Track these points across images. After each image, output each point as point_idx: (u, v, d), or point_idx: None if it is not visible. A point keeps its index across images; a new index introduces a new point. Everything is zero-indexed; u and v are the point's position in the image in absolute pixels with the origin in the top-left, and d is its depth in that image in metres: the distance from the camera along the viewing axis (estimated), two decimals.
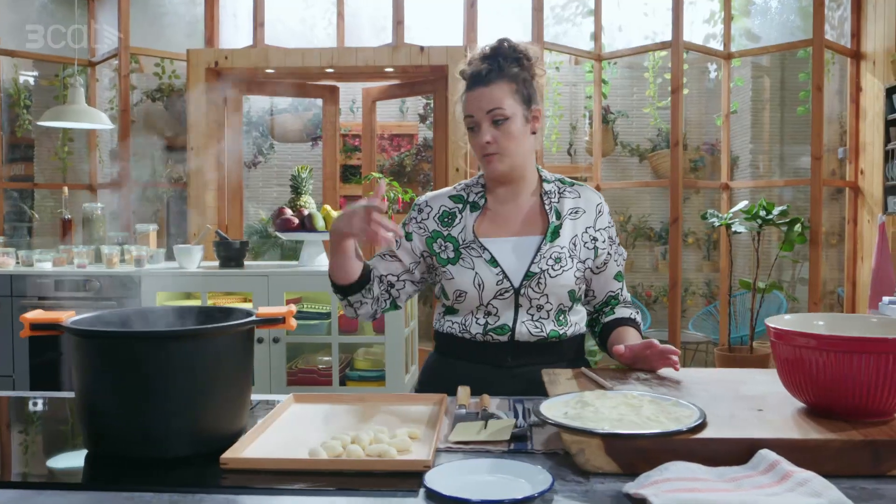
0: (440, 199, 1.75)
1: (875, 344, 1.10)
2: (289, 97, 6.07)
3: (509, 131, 1.61)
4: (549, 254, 1.63)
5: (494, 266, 1.62)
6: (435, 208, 1.73)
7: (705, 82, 6.35)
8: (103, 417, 1.12)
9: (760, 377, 1.44)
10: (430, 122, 6.88)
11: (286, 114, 6.75)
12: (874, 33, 4.58)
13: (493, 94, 1.60)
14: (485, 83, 1.60)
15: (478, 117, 1.61)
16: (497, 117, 1.60)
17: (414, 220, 1.73)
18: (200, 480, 1.06)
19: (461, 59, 4.92)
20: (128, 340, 1.11)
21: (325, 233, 3.30)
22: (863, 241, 4.73)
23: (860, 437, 1.05)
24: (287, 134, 6.78)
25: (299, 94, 5.38)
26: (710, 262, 6.80)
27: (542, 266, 1.61)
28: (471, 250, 1.65)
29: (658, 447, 1.04)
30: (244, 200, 5.13)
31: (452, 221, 1.70)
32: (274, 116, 6.69)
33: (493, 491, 0.99)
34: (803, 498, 0.91)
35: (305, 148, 7.02)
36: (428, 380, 1.75)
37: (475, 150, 1.65)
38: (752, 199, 5.79)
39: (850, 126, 4.81)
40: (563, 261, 1.63)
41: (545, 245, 1.64)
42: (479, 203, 1.71)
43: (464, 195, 1.73)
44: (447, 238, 1.69)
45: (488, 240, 1.66)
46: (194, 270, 3.23)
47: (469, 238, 1.67)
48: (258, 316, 1.21)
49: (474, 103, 1.61)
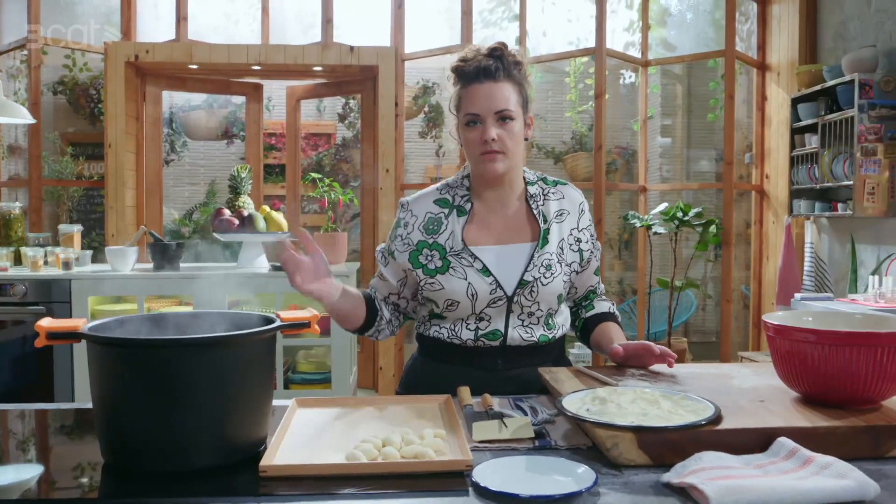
0: (425, 202, 1.70)
1: (868, 338, 1.20)
2: (210, 94, 5.89)
3: (513, 131, 1.59)
4: (541, 261, 1.63)
5: (487, 275, 1.61)
6: (420, 216, 1.68)
7: (619, 88, 6.60)
8: (128, 428, 1.08)
9: (745, 371, 1.53)
10: (350, 122, 6.83)
11: (200, 111, 6.54)
12: (778, 46, 4.89)
13: (503, 93, 1.57)
14: (494, 79, 1.57)
15: (483, 113, 1.57)
16: (505, 116, 1.57)
17: (399, 238, 1.68)
18: (239, 489, 1.04)
19: (388, 60, 4.88)
20: (158, 349, 1.07)
21: (266, 234, 3.25)
22: (768, 242, 5.04)
23: (862, 424, 1.14)
24: (200, 131, 6.58)
25: (222, 91, 5.24)
26: (622, 262, 7.06)
27: (535, 274, 1.62)
28: (461, 259, 1.62)
29: (686, 439, 1.10)
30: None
31: (438, 228, 1.66)
32: (188, 113, 6.47)
33: (540, 487, 1.02)
34: (831, 480, 0.99)
35: (220, 146, 6.83)
36: (414, 382, 1.73)
37: (472, 147, 1.60)
38: (659, 201, 6.06)
39: (756, 133, 5.11)
40: (553, 267, 1.64)
41: (537, 252, 1.64)
42: (465, 207, 1.67)
43: (448, 198, 1.69)
44: (433, 246, 1.65)
45: (478, 248, 1.64)
46: (129, 273, 3.10)
47: (458, 246, 1.63)
48: (283, 321, 1.20)
49: (482, 99, 1.56)
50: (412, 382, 1.74)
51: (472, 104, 1.58)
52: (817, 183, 4.20)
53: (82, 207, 5.96)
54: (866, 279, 3.84)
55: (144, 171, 4.72)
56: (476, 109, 1.58)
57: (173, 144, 6.55)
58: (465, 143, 1.63)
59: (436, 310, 1.67)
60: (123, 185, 4.43)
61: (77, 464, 1.19)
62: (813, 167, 4.24)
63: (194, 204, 6.86)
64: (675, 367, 1.55)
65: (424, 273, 1.64)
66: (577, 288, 1.78)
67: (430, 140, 6.56)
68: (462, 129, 1.62)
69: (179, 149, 6.69)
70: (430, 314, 1.70)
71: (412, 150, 6.55)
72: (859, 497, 0.97)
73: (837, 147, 4.03)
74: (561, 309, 1.73)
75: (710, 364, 1.68)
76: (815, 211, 4.29)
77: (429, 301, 1.68)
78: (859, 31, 4.21)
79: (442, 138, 6.56)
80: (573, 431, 1.27)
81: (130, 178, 4.54)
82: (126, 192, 4.46)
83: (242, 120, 6.46)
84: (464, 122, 1.61)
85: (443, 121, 6.46)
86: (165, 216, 6.33)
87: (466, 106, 1.59)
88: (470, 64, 1.59)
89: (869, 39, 4.09)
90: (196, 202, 6.89)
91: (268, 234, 3.22)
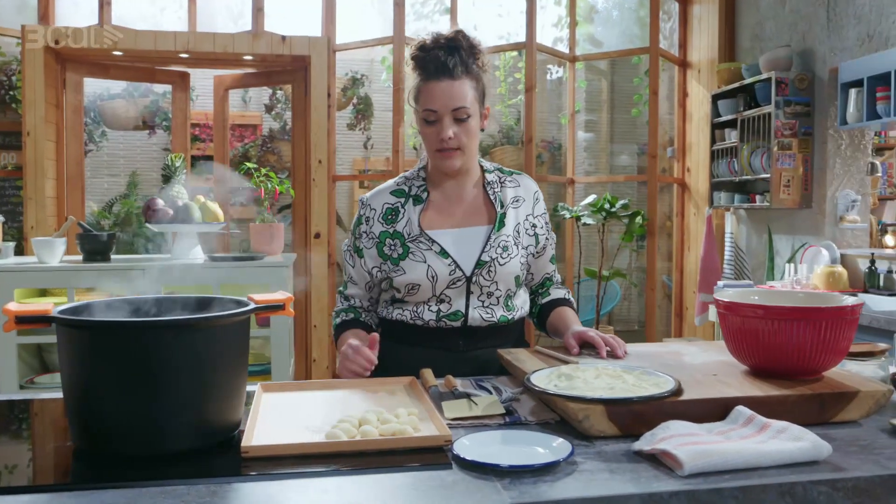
0: (382, 195, 1.75)
1: (812, 313, 1.29)
2: (133, 82, 5.70)
3: (469, 129, 1.64)
4: (497, 242, 1.69)
5: (445, 257, 1.66)
6: (378, 208, 1.73)
7: (546, 83, 6.72)
8: (102, 413, 1.06)
9: (692, 349, 1.61)
10: (277, 113, 6.73)
11: (119, 100, 6.31)
12: (699, 45, 5.09)
13: (460, 91, 1.61)
14: (451, 76, 1.60)
15: (441, 111, 1.61)
16: (461, 115, 1.62)
17: (364, 235, 1.74)
18: (221, 470, 1.04)
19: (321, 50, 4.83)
20: (136, 331, 1.05)
21: (202, 224, 3.18)
22: (689, 233, 5.25)
23: (809, 392, 1.23)
24: (120, 121, 6.34)
25: (147, 80, 5.09)
26: None
27: (492, 255, 1.67)
28: (419, 243, 1.67)
29: (653, 410, 1.16)
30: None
31: (396, 217, 1.71)
32: (106, 102, 6.23)
33: (519, 458, 1.06)
34: (789, 443, 1.07)
35: (141, 137, 6.61)
36: (379, 369, 1.75)
37: (430, 143, 1.65)
38: (584, 194, 6.22)
39: (678, 128, 5.31)
40: (510, 248, 1.70)
41: (493, 234, 1.69)
42: (421, 196, 1.73)
43: (405, 189, 1.75)
44: (393, 235, 1.70)
45: (435, 232, 1.69)
46: (58, 265, 2.99)
47: (415, 231, 1.68)
48: (256, 303, 1.20)
49: (440, 97, 1.60)
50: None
51: (430, 101, 1.62)
52: (736, 176, 4.40)
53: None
54: (782, 267, 4.06)
55: (65, 161, 4.53)
56: (434, 106, 1.62)
57: (91, 134, 6.30)
58: (422, 137, 1.68)
59: (397, 295, 1.71)
60: (43, 176, 4.24)
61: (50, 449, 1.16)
62: (732, 161, 4.44)
63: (114, 195, 6.63)
64: (632, 346, 1.62)
65: (391, 263, 1.69)
66: (533, 275, 1.84)
67: (359, 132, 6.53)
68: (420, 122, 1.67)
69: (98, 139, 6.44)
70: (392, 299, 1.74)
71: (340, 142, 6.50)
72: (814, 457, 1.05)
73: (755, 142, 4.23)
74: (519, 292, 1.78)
75: (658, 343, 1.75)
76: (735, 202, 4.50)
77: (391, 287, 1.72)
78: (775, 31, 4.43)
79: (370, 130, 6.54)
80: (539, 407, 1.31)
81: (50, 168, 4.36)
82: (46, 183, 4.27)
83: (165, 109, 6.28)
84: (422, 117, 1.65)
85: (372, 113, 6.43)
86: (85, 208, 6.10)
87: (424, 102, 1.63)
88: (429, 56, 1.62)
89: (784, 39, 4.31)
90: (116, 194, 6.66)
91: (204, 224, 3.16)
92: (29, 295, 3.13)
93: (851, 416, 1.23)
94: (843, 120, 3.72)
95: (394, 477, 1.02)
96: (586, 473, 1.02)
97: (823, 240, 3.95)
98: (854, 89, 3.63)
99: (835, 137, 3.95)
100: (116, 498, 0.94)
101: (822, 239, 3.97)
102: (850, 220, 3.96)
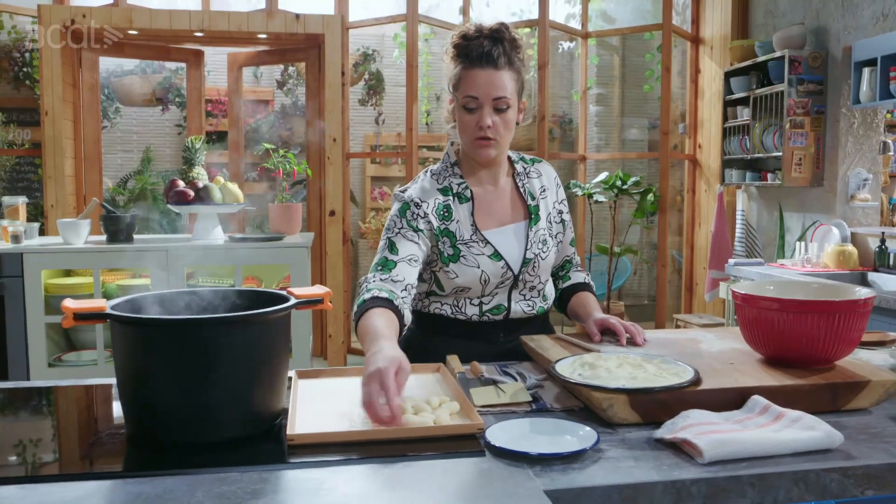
0: (430, 193, 1.70)
1: (825, 306, 1.34)
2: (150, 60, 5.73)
3: (507, 120, 1.63)
4: (537, 237, 1.72)
5: (498, 259, 1.67)
6: (431, 203, 1.68)
7: (557, 58, 6.72)
8: (158, 403, 1.13)
9: (709, 336, 1.67)
10: (289, 89, 6.75)
11: (133, 76, 6.35)
12: (712, 20, 5.08)
13: (502, 81, 1.60)
14: (495, 66, 1.59)
15: (482, 99, 1.60)
16: (501, 105, 1.61)
17: (420, 217, 1.66)
18: (268, 458, 1.11)
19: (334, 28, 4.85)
20: (192, 327, 1.12)
21: (222, 205, 3.24)
22: (700, 209, 5.29)
23: (822, 381, 1.29)
24: (134, 97, 6.39)
25: (161, 58, 5.12)
26: None
27: (535, 251, 1.70)
28: (471, 246, 1.67)
29: (673, 398, 1.22)
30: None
31: (450, 216, 1.68)
32: (120, 79, 6.27)
33: (548, 446, 1.12)
34: (802, 432, 1.13)
35: (155, 113, 6.66)
36: (412, 357, 1.80)
37: (467, 131, 1.64)
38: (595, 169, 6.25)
39: (690, 104, 5.32)
40: (548, 241, 1.73)
41: (532, 229, 1.72)
42: (465, 194, 1.71)
43: (448, 186, 1.72)
44: (445, 233, 1.68)
45: (489, 232, 1.69)
46: (83, 246, 3.06)
47: (468, 233, 1.67)
48: (297, 298, 1.26)
49: (483, 85, 1.59)
50: (412, 356, 1.80)
51: (472, 87, 1.60)
52: (748, 153, 4.43)
53: (12, 176, 5.74)
54: (793, 245, 4.10)
55: (83, 140, 4.59)
56: (475, 93, 1.60)
57: (105, 111, 6.35)
58: (459, 125, 1.66)
59: (439, 291, 1.72)
60: (62, 155, 4.31)
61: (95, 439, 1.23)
62: (744, 138, 4.46)
63: (128, 171, 6.70)
64: (650, 333, 1.68)
65: (441, 261, 1.68)
66: (556, 258, 1.88)
67: (371, 108, 6.55)
68: (459, 110, 1.65)
69: (112, 115, 6.50)
70: (429, 292, 1.74)
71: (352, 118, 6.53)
72: (827, 445, 1.11)
73: (768, 119, 4.25)
74: (549, 280, 1.83)
75: (676, 330, 1.81)
76: (746, 180, 4.53)
77: (433, 281, 1.72)
78: (788, 8, 4.42)
79: (382, 106, 6.56)
80: (563, 395, 1.38)
81: (69, 147, 4.42)
82: (65, 162, 4.34)
83: (178, 86, 6.32)
84: (462, 104, 1.64)
85: (383, 88, 6.45)
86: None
87: (466, 88, 1.61)
88: (472, 45, 1.60)
89: (797, 17, 4.30)
90: (130, 170, 6.72)
91: (224, 205, 3.22)
92: (56, 276, 3.21)
93: (862, 404, 1.29)
94: (855, 99, 3.73)
95: (432, 464, 1.09)
96: (612, 461, 1.09)
97: (834, 218, 3.99)
98: (867, 68, 3.65)
99: (847, 116, 3.96)
100: (178, 484, 1.01)
101: (833, 217, 4.00)
102: (862, 199, 3.99)
